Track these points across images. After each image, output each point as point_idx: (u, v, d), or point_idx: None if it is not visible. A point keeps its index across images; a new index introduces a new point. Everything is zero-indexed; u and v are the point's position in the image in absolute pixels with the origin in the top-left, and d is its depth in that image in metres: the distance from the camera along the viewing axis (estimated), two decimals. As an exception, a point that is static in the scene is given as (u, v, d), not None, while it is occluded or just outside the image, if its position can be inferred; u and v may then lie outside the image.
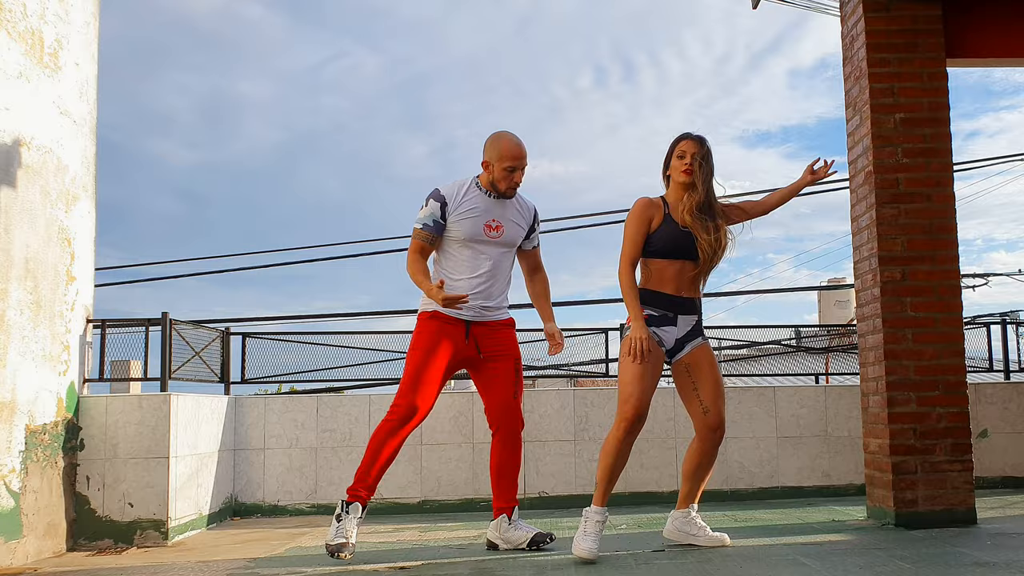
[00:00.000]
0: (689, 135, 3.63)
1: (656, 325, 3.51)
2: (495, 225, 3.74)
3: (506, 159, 3.67)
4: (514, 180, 3.71)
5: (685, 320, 3.55)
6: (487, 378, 3.79)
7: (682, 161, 3.57)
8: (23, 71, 4.09)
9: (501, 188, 3.72)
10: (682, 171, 3.56)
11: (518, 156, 3.69)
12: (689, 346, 3.57)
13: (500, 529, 3.72)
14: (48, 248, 4.24)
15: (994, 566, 2.97)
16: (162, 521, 4.38)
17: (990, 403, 5.73)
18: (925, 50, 4.24)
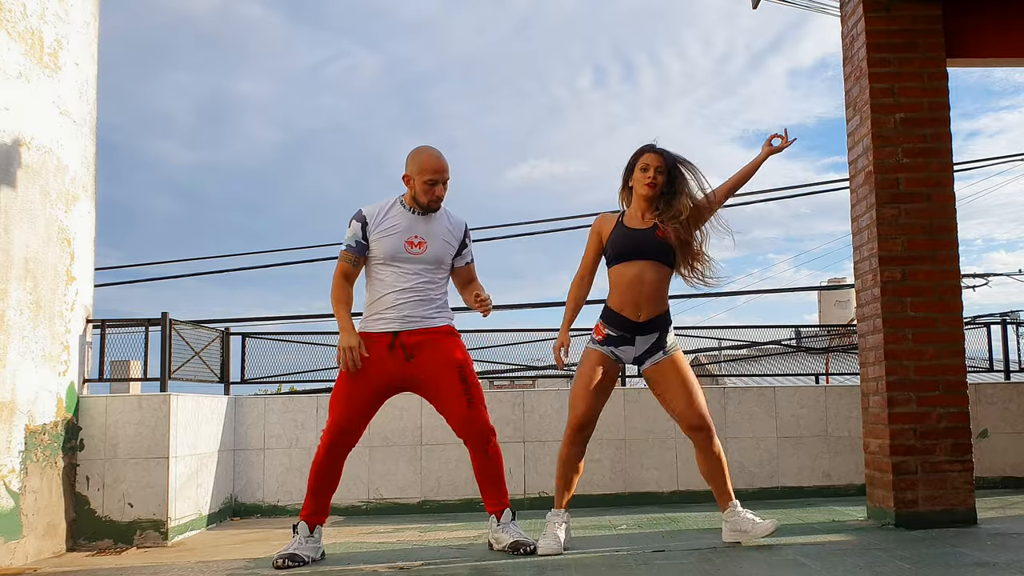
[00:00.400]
0: (652, 147, 3.64)
1: (614, 345, 3.60)
2: (417, 241, 3.66)
3: (426, 172, 3.63)
4: (435, 193, 3.65)
5: (643, 339, 3.59)
6: (434, 395, 3.66)
7: (645, 174, 3.60)
8: (23, 71, 4.08)
9: (423, 202, 3.66)
10: (645, 184, 3.59)
11: (438, 169, 3.65)
12: (649, 361, 3.60)
13: (491, 529, 3.72)
14: (48, 248, 4.24)
15: (994, 566, 2.97)
16: (162, 521, 4.38)
17: (990, 403, 5.72)
18: (925, 50, 4.23)
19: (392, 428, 5.42)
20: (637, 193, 3.63)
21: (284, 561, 3.43)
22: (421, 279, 3.67)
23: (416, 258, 3.66)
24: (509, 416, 5.47)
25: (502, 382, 17.47)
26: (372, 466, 5.40)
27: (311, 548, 3.55)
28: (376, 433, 5.41)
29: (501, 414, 5.44)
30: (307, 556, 3.51)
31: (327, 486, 3.61)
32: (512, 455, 5.41)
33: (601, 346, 3.61)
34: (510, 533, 3.66)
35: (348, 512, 5.32)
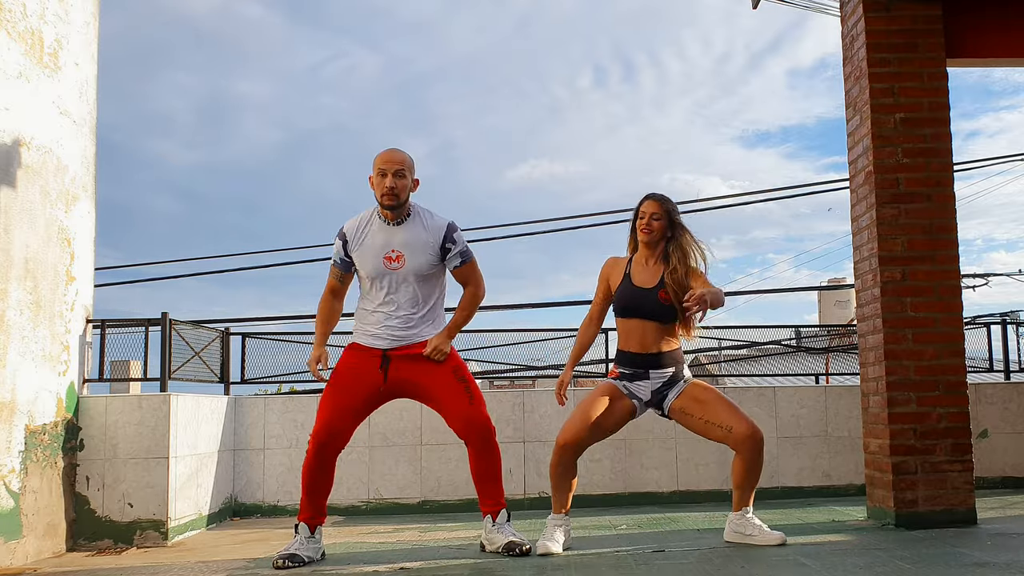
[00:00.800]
0: (650, 195, 3.75)
1: (628, 380, 3.66)
2: (395, 255, 3.60)
3: (377, 164, 3.60)
4: (385, 184, 3.56)
5: (657, 373, 3.63)
6: (432, 397, 3.65)
7: (641, 221, 3.71)
8: (23, 71, 4.08)
9: (378, 197, 3.60)
10: (641, 230, 3.71)
11: (388, 159, 3.59)
12: (672, 393, 3.62)
13: (486, 530, 3.70)
14: (48, 248, 4.24)
15: (994, 566, 2.97)
16: (162, 521, 4.38)
17: (990, 403, 5.72)
18: (925, 50, 4.23)
19: (392, 428, 5.42)
20: (639, 241, 3.74)
21: (284, 561, 3.43)
22: (405, 295, 3.63)
23: (396, 273, 3.61)
24: (509, 416, 5.47)
25: (502, 382, 17.46)
26: (372, 466, 5.40)
27: (312, 549, 3.56)
28: (376, 433, 5.41)
29: (501, 414, 5.44)
30: (307, 556, 3.51)
31: (320, 488, 3.59)
32: (512, 455, 5.41)
33: (616, 380, 3.69)
34: (505, 533, 3.64)
35: (348, 512, 5.32)
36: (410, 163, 3.65)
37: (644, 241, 3.71)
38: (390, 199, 3.59)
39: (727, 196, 24.11)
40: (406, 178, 3.61)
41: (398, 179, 3.58)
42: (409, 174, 3.64)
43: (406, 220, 3.66)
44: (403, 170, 3.60)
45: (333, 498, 5.33)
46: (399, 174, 3.58)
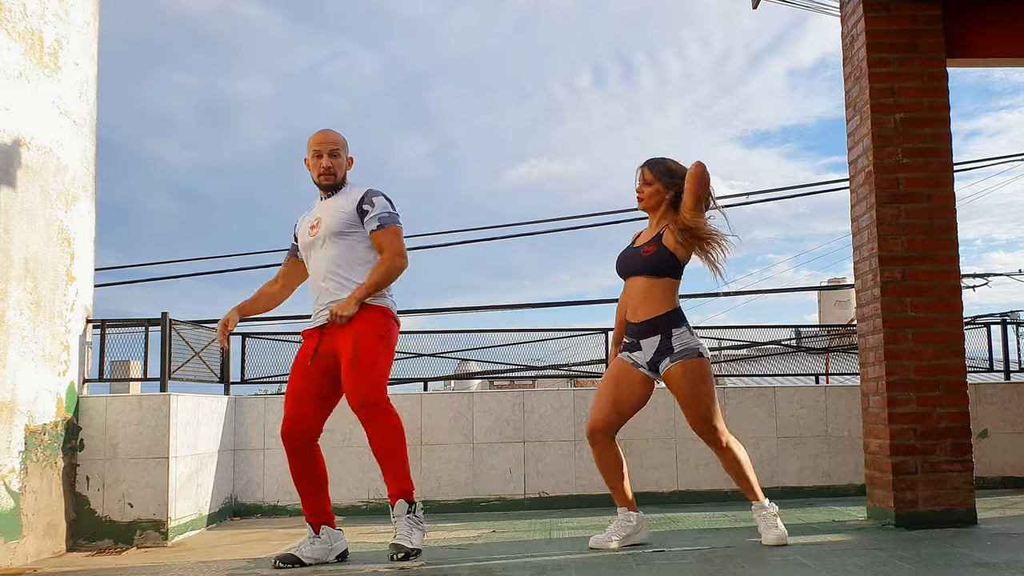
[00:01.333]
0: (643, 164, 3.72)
1: (629, 350, 3.66)
2: (315, 223, 3.65)
3: (311, 145, 3.66)
4: (321, 165, 3.62)
5: (648, 343, 3.58)
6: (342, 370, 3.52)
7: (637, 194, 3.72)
8: (23, 71, 4.08)
9: (315, 178, 3.66)
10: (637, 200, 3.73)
11: (320, 140, 3.65)
12: (662, 367, 3.57)
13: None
14: (48, 248, 4.24)
15: (994, 566, 2.97)
16: (162, 521, 4.38)
17: (990, 403, 5.72)
18: (925, 50, 4.23)
19: (392, 428, 5.41)
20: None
21: (277, 562, 3.42)
22: (326, 259, 3.61)
23: (315, 239, 3.63)
24: (509, 416, 5.47)
25: (502, 382, 17.48)
26: (372, 466, 5.40)
27: (316, 549, 3.50)
28: (376, 433, 5.40)
29: (501, 414, 5.45)
30: (308, 558, 3.46)
31: (308, 485, 3.54)
32: (512, 455, 5.41)
33: (621, 352, 3.69)
34: (398, 529, 3.43)
35: (348, 512, 5.32)
36: (343, 142, 3.70)
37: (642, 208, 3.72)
38: (327, 178, 3.65)
39: (727, 196, 24.03)
40: (340, 157, 3.67)
41: (333, 158, 3.64)
42: (343, 153, 3.69)
43: (336, 193, 3.69)
44: (337, 149, 3.65)
45: (333, 498, 5.31)
46: (334, 153, 3.64)
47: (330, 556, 3.54)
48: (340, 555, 3.58)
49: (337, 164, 3.65)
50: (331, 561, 3.53)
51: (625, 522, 3.65)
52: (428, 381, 6.12)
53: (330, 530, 3.56)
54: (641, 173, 3.70)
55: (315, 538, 3.53)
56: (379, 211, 3.60)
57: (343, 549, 3.60)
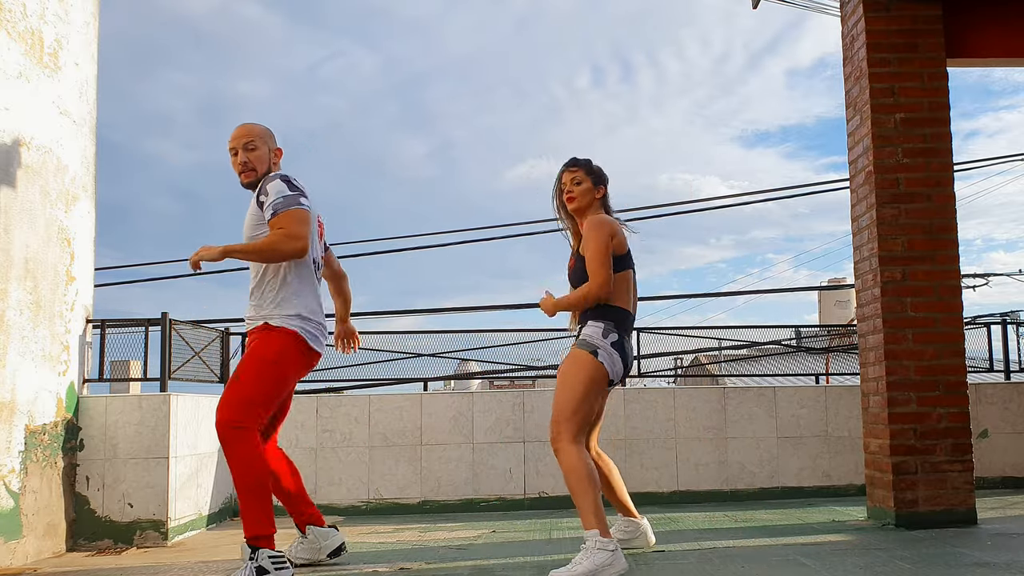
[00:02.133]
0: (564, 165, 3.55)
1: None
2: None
3: (228, 142, 3.42)
4: (237, 162, 3.38)
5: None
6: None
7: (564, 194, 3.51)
8: (23, 71, 4.08)
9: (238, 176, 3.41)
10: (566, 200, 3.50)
11: (234, 136, 3.40)
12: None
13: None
14: (48, 248, 4.23)
15: (994, 566, 2.97)
16: (162, 521, 4.38)
17: (990, 403, 5.72)
18: (925, 50, 4.23)
19: (392, 428, 5.42)
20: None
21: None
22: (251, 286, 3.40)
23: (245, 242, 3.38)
24: (509, 416, 5.47)
25: (502, 382, 17.46)
26: (372, 466, 5.40)
27: (304, 550, 3.49)
28: (376, 433, 5.41)
29: (501, 414, 5.45)
30: (297, 559, 3.47)
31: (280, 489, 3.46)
32: (512, 455, 5.41)
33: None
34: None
35: (348, 512, 5.32)
36: (260, 132, 3.43)
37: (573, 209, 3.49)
38: (247, 175, 3.39)
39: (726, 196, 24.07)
40: (259, 149, 3.39)
41: (249, 152, 3.37)
42: (263, 144, 3.41)
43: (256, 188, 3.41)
44: (252, 141, 3.38)
45: (333, 498, 5.35)
46: (249, 147, 3.38)
47: (320, 555, 3.49)
48: (335, 551, 3.53)
49: (256, 158, 3.37)
50: (324, 560, 3.52)
51: (625, 526, 3.62)
52: (428, 381, 6.13)
53: (316, 529, 3.52)
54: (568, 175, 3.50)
55: (303, 538, 3.52)
56: (273, 198, 3.26)
57: (336, 545, 3.54)
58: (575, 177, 3.48)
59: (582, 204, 3.47)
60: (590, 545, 3.04)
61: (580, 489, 3.14)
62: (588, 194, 3.48)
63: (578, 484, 3.14)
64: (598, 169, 3.54)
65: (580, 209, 3.49)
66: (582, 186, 3.47)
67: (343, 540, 3.59)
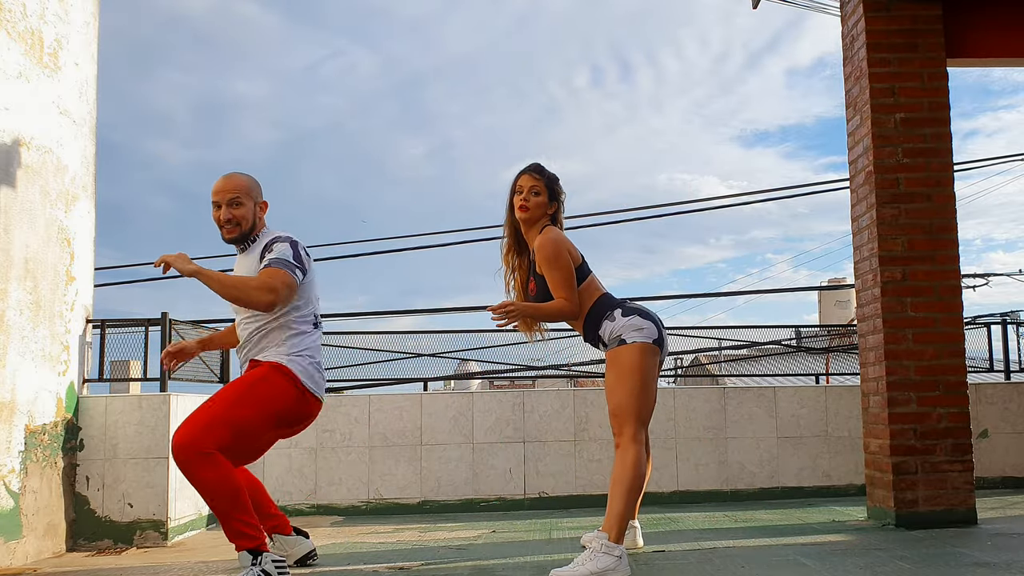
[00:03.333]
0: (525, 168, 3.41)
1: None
2: None
3: (212, 195, 3.31)
4: (221, 217, 3.28)
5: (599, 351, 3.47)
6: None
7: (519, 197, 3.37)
8: (23, 71, 4.08)
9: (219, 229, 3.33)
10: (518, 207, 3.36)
11: (219, 189, 3.29)
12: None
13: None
14: (48, 248, 4.23)
15: (994, 566, 2.97)
16: (162, 521, 4.38)
17: (990, 403, 5.72)
18: (925, 50, 4.23)
19: (392, 428, 5.42)
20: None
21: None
22: (249, 328, 3.31)
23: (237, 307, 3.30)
24: (509, 416, 5.47)
25: (502, 382, 17.46)
26: (372, 466, 5.40)
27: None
28: (376, 433, 5.41)
29: (501, 414, 5.45)
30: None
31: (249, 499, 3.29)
32: (512, 455, 5.41)
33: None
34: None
35: (348, 512, 5.32)
36: (247, 187, 3.32)
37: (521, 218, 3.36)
38: (230, 231, 3.30)
39: (725, 196, 24.03)
40: (244, 205, 3.29)
41: (234, 208, 3.28)
42: (248, 199, 3.31)
43: (249, 247, 3.36)
44: (237, 197, 3.29)
45: (333, 498, 5.35)
46: (234, 203, 3.28)
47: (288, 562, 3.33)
48: (303, 558, 3.46)
49: (240, 214, 3.28)
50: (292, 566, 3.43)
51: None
52: (428, 381, 6.12)
53: (282, 538, 3.45)
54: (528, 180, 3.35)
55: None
56: (275, 255, 3.24)
57: (306, 552, 3.47)
58: (535, 187, 3.35)
59: (534, 216, 3.36)
60: (596, 547, 3.01)
61: (621, 492, 3.10)
62: (541, 208, 3.36)
63: (622, 486, 3.11)
64: (558, 186, 3.41)
65: (530, 220, 3.37)
66: (539, 198, 3.35)
67: (312, 547, 3.52)
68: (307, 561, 3.50)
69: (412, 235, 18.10)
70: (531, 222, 3.37)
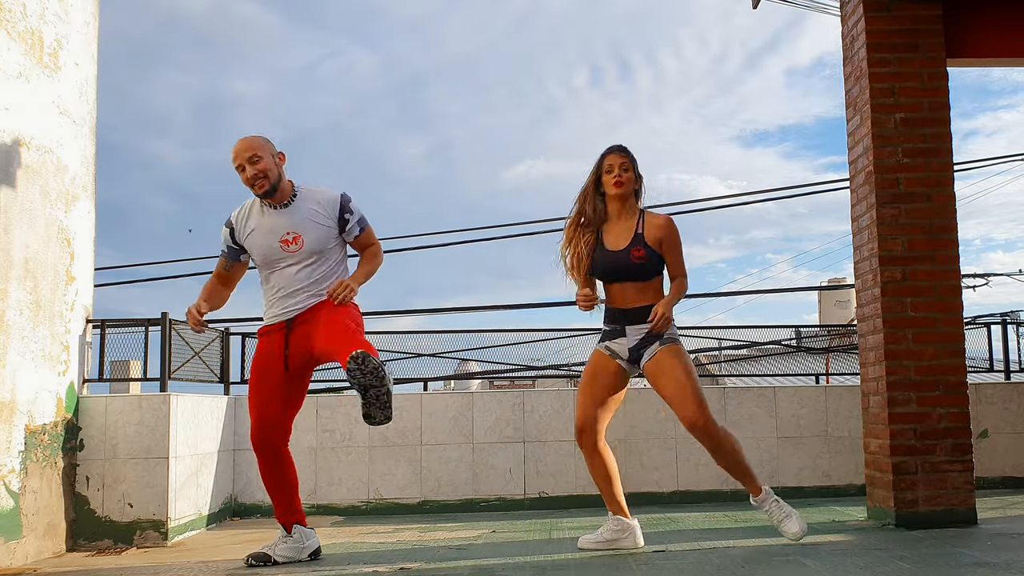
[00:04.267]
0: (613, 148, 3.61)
1: (608, 339, 3.58)
2: (291, 238, 3.52)
3: (233, 162, 3.52)
4: (246, 177, 3.49)
5: (634, 329, 3.52)
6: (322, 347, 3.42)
7: (609, 175, 3.57)
8: (23, 71, 4.08)
9: (252, 190, 3.53)
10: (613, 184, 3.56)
11: (236, 153, 3.49)
12: (647, 353, 3.50)
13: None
14: (48, 248, 4.23)
15: (994, 566, 2.97)
16: (162, 521, 4.38)
17: (990, 403, 5.72)
18: (925, 50, 4.23)
19: (392, 428, 5.42)
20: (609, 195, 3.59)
21: (249, 560, 3.45)
22: (308, 278, 3.55)
23: (294, 255, 3.53)
24: (509, 416, 5.47)
25: (502, 382, 17.45)
26: (372, 466, 5.40)
27: (289, 548, 3.53)
28: (376, 433, 5.41)
29: (501, 414, 5.45)
30: (280, 557, 3.50)
31: (278, 487, 3.55)
32: (512, 455, 5.41)
33: (599, 343, 3.62)
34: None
35: (348, 512, 5.32)
36: (260, 143, 3.53)
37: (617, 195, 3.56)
38: (261, 185, 3.50)
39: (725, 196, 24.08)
40: (263, 159, 3.49)
41: (254, 165, 3.47)
42: (265, 154, 3.51)
43: (293, 201, 3.58)
44: (255, 154, 3.48)
45: (333, 498, 5.35)
46: (253, 160, 3.47)
47: (302, 554, 3.56)
48: (313, 553, 3.60)
49: (263, 168, 3.48)
50: (304, 559, 3.56)
51: (614, 525, 3.59)
52: (428, 381, 6.12)
53: (301, 529, 3.59)
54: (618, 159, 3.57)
55: (287, 537, 3.55)
56: (358, 216, 3.64)
57: (315, 547, 3.62)
58: (624, 164, 3.57)
59: (628, 190, 3.58)
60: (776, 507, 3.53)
61: (740, 457, 3.52)
62: (632, 183, 3.59)
63: (735, 454, 3.51)
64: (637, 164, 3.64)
65: (624, 195, 3.58)
66: (629, 173, 3.57)
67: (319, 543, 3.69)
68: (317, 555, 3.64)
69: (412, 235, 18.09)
70: (625, 196, 3.59)
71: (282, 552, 3.52)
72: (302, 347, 3.51)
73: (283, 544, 3.54)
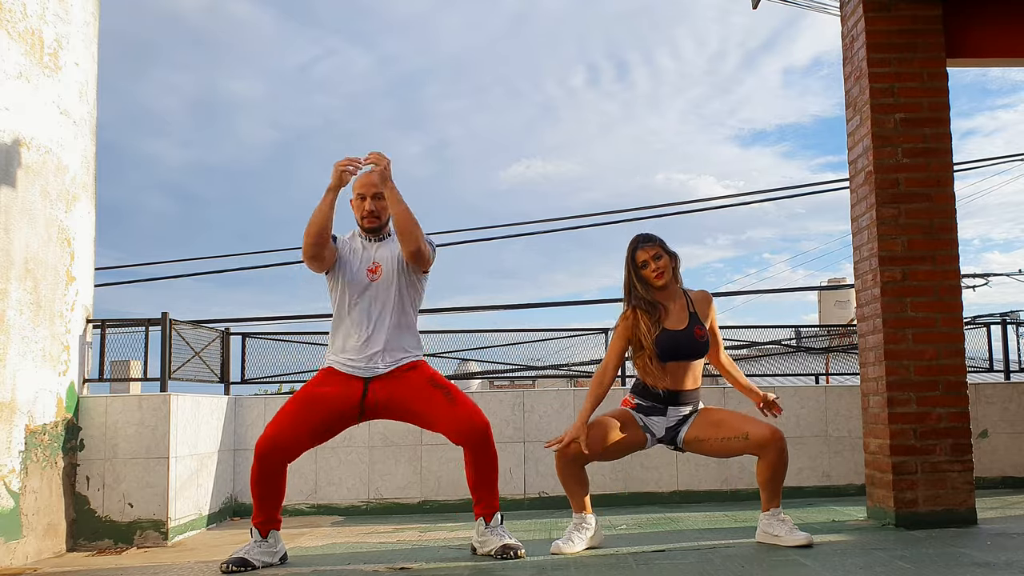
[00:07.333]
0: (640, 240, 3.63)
1: (644, 413, 3.65)
2: (374, 267, 3.64)
3: (356, 188, 3.67)
4: (366, 207, 3.65)
5: (675, 410, 3.64)
6: (412, 411, 3.60)
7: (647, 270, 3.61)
8: (23, 71, 4.08)
9: (358, 220, 3.69)
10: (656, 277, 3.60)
11: (365, 183, 3.65)
12: (684, 428, 3.62)
13: (478, 532, 3.62)
14: (48, 248, 4.23)
15: (994, 566, 2.97)
16: (162, 521, 4.38)
17: (990, 403, 5.73)
18: (925, 50, 4.23)
19: (392, 428, 5.42)
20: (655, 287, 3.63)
21: (228, 566, 3.38)
22: (383, 309, 3.62)
23: (375, 285, 3.62)
24: (509, 416, 5.47)
25: (502, 382, 17.45)
26: (372, 466, 5.40)
27: (263, 552, 3.47)
28: (376, 433, 5.41)
29: (501, 414, 5.45)
30: (258, 561, 3.44)
31: (267, 495, 3.48)
32: (512, 455, 5.41)
33: (632, 411, 3.67)
34: (498, 536, 3.56)
35: (348, 512, 5.32)
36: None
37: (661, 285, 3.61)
38: (371, 221, 3.67)
39: (723, 196, 24.08)
40: (383, 201, 3.64)
41: (377, 201, 3.64)
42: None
43: (386, 238, 3.72)
44: (381, 193, 3.62)
45: (333, 498, 5.35)
46: (378, 196, 3.63)
47: (275, 559, 3.53)
48: (282, 557, 3.57)
49: (382, 207, 3.65)
50: (275, 563, 3.51)
51: (582, 524, 3.63)
52: (428, 381, 6.11)
53: (275, 534, 3.56)
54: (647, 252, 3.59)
55: (262, 542, 3.49)
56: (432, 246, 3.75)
57: (284, 551, 3.60)
58: (655, 253, 3.60)
59: (669, 276, 3.63)
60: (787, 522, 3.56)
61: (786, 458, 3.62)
62: (669, 267, 3.63)
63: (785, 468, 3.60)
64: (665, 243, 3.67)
65: (668, 282, 3.63)
66: (663, 260, 3.60)
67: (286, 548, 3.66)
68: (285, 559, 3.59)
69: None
70: (670, 281, 3.64)
71: (259, 556, 3.47)
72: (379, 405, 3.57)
73: (258, 549, 3.48)
